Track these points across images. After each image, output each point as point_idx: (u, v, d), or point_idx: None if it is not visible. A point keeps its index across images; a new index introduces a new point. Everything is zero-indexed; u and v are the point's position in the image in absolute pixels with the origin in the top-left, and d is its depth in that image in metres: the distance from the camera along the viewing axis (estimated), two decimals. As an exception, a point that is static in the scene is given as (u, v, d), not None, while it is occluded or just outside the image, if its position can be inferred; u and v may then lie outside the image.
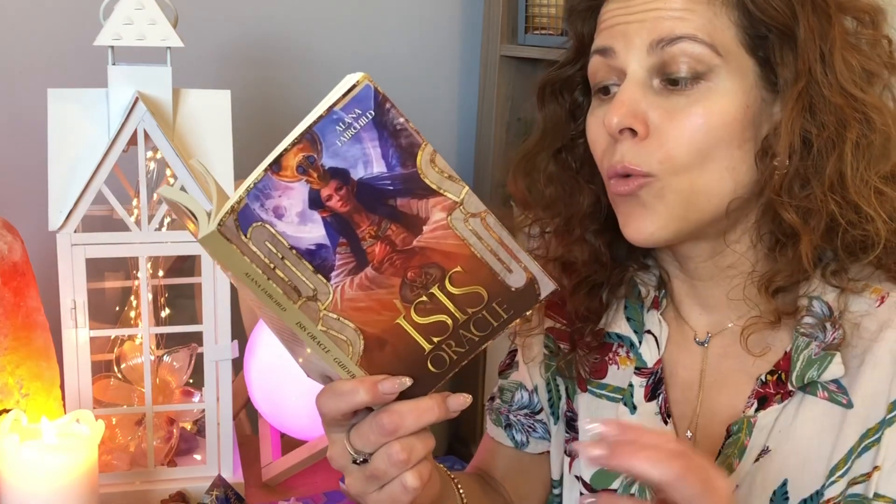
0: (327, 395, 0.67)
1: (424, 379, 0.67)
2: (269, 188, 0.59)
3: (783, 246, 0.78)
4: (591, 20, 0.84)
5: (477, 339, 0.67)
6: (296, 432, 1.27)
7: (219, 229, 0.58)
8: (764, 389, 0.81)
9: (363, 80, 0.59)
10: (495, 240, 0.64)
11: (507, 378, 1.02)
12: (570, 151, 0.90)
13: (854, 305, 0.78)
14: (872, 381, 0.76)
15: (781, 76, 0.77)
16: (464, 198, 0.63)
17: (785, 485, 0.79)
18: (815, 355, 0.78)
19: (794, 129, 0.75)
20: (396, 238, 0.63)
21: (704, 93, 0.76)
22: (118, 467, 1.18)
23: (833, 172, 0.75)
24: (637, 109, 0.77)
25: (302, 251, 0.61)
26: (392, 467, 0.67)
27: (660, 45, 0.76)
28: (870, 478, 0.75)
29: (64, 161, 1.10)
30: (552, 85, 0.90)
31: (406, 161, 0.61)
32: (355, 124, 0.60)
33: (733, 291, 0.83)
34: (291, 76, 1.86)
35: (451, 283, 0.64)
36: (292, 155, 0.59)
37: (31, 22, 1.60)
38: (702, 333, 0.88)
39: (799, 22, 0.75)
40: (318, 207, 0.61)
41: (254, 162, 0.63)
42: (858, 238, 0.76)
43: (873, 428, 0.76)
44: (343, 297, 0.63)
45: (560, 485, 0.98)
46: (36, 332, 1.13)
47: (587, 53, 0.85)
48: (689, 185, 0.77)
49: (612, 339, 0.92)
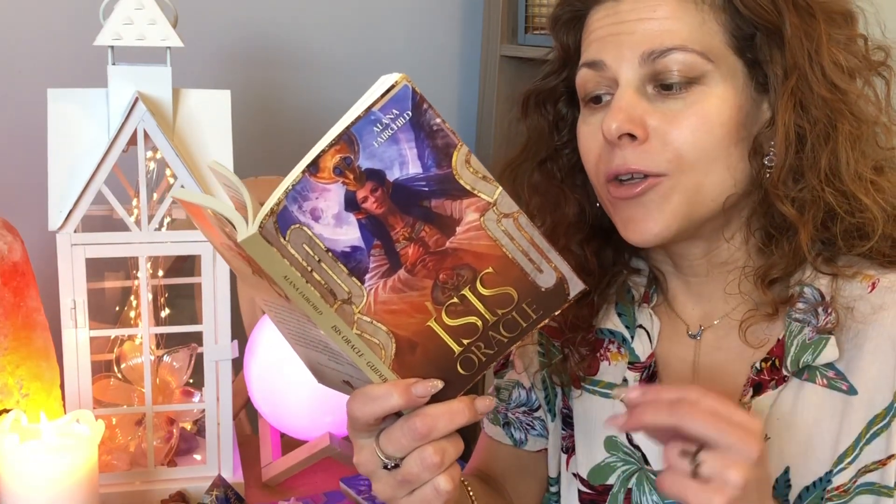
0: (360, 399, 0.67)
1: (454, 381, 0.67)
2: (307, 190, 0.59)
3: (777, 239, 0.80)
4: (575, 30, 0.85)
5: (506, 340, 0.67)
6: (296, 432, 1.27)
7: (259, 231, 0.58)
8: (759, 377, 0.82)
9: (402, 81, 0.59)
10: (527, 240, 0.64)
11: (503, 377, 1.02)
12: (554, 162, 0.91)
13: (846, 290, 0.79)
14: (874, 366, 0.77)
15: (771, 74, 0.78)
16: (497, 198, 0.63)
17: (787, 472, 0.80)
18: (809, 339, 0.79)
19: (787, 124, 0.77)
20: (430, 240, 0.62)
21: (699, 96, 0.77)
22: (118, 467, 1.18)
23: (828, 165, 0.77)
24: (634, 114, 0.77)
25: (338, 253, 0.61)
26: (425, 471, 0.66)
27: (651, 56, 0.77)
28: (884, 465, 0.76)
29: (64, 161, 1.10)
30: (536, 96, 0.91)
31: (441, 162, 0.61)
32: (393, 125, 0.60)
33: (729, 286, 0.84)
34: (291, 76, 1.86)
35: (483, 285, 0.64)
36: (329, 156, 0.59)
37: (31, 22, 1.60)
38: (694, 327, 0.88)
39: (785, 20, 0.77)
40: (354, 209, 0.61)
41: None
42: (855, 226, 0.77)
43: (880, 414, 0.76)
44: (376, 300, 0.63)
45: (557, 482, 0.98)
46: (36, 332, 1.13)
47: (572, 63, 0.86)
48: (696, 184, 0.78)
49: (603, 335, 0.92)
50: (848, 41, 0.80)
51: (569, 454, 0.96)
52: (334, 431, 1.23)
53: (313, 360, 0.71)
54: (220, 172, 0.67)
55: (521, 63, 1.97)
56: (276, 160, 1.65)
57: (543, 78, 0.90)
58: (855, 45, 0.81)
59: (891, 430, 0.76)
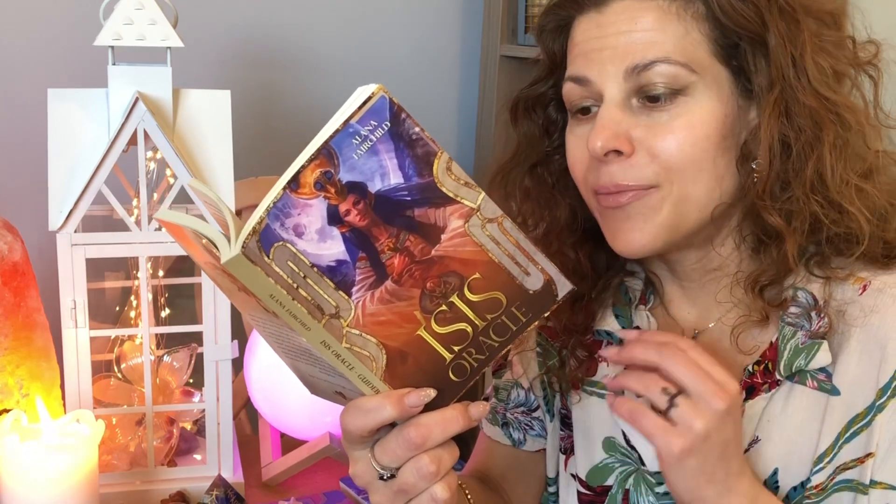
0: (352, 412, 0.67)
1: (446, 389, 0.67)
2: (289, 206, 0.59)
3: (767, 246, 0.80)
4: (561, 38, 0.85)
5: (497, 344, 0.67)
6: (296, 432, 1.27)
7: (243, 252, 0.58)
8: (751, 380, 0.82)
9: (378, 92, 0.59)
10: (512, 243, 0.64)
11: (502, 377, 1.02)
12: (545, 166, 0.91)
13: (838, 294, 0.79)
14: (860, 367, 0.77)
15: (756, 83, 0.78)
16: (480, 203, 0.63)
17: (775, 474, 0.80)
18: (802, 344, 0.79)
19: (772, 133, 0.76)
20: (415, 249, 0.62)
21: (684, 107, 0.77)
22: (118, 467, 1.18)
23: (813, 174, 0.76)
24: (619, 130, 0.77)
25: (323, 268, 0.61)
26: (421, 480, 0.66)
27: (634, 71, 0.77)
28: (862, 463, 0.76)
29: (64, 161, 1.10)
30: (525, 102, 0.91)
31: (423, 170, 0.61)
32: (371, 136, 0.59)
33: (721, 293, 0.84)
34: (292, 76, 1.86)
35: (470, 291, 0.64)
36: (310, 171, 0.59)
37: (31, 22, 1.60)
38: (689, 330, 0.88)
39: (769, 29, 0.76)
40: (337, 223, 0.60)
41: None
42: (843, 235, 0.77)
43: (861, 413, 0.76)
44: (364, 312, 0.62)
45: (555, 482, 0.98)
46: (36, 332, 1.13)
47: (559, 71, 0.86)
48: (683, 195, 0.78)
49: (601, 336, 0.92)
50: (836, 43, 0.79)
51: (567, 455, 0.96)
52: (334, 431, 1.23)
53: (305, 372, 0.71)
54: (200, 190, 0.67)
55: (521, 63, 1.98)
56: (276, 160, 1.65)
57: (531, 85, 0.90)
58: (843, 46, 0.80)
59: (871, 428, 0.76)
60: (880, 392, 0.75)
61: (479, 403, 0.68)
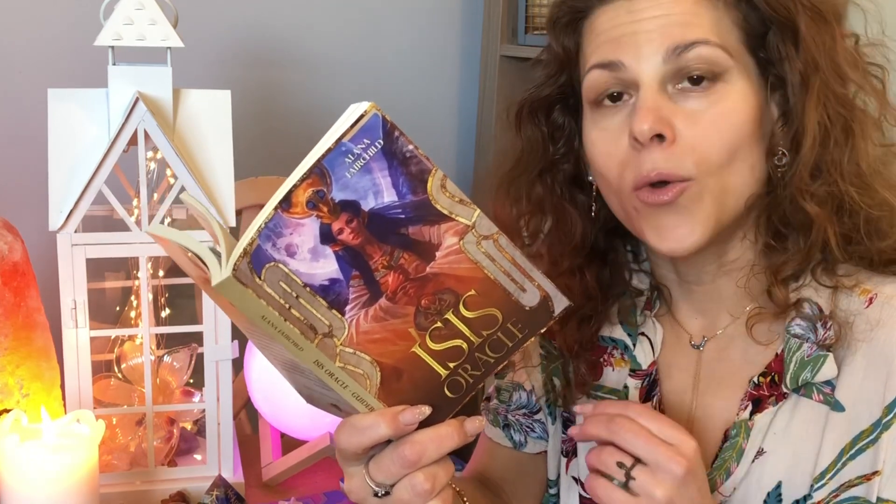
0: (347, 430, 0.66)
1: (441, 405, 0.66)
2: (280, 226, 0.58)
3: (785, 238, 0.79)
4: (575, 33, 0.83)
5: (492, 360, 0.66)
6: (296, 432, 1.27)
7: (234, 274, 0.57)
8: (757, 392, 0.81)
9: (371, 110, 0.58)
10: (508, 260, 0.64)
11: (504, 378, 1.02)
12: (553, 176, 0.89)
13: (844, 304, 0.78)
14: (866, 382, 0.76)
15: (789, 71, 0.77)
16: (475, 221, 0.62)
17: (779, 487, 0.80)
18: (808, 356, 0.79)
19: (815, 121, 0.76)
20: (409, 266, 0.62)
21: (722, 94, 0.76)
22: (118, 467, 1.18)
23: (850, 160, 0.76)
24: (663, 114, 0.76)
25: (316, 288, 0.60)
26: (416, 497, 0.66)
27: (676, 51, 0.75)
28: (869, 480, 0.75)
29: (64, 161, 1.10)
30: (530, 105, 0.88)
31: (417, 188, 0.60)
32: (364, 155, 0.59)
33: (739, 281, 0.83)
34: (292, 76, 1.86)
35: (466, 307, 0.64)
36: (302, 191, 0.58)
37: (31, 22, 1.60)
38: (697, 337, 0.88)
39: (800, 14, 0.76)
40: (330, 242, 0.60)
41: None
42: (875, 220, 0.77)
43: (867, 430, 0.76)
44: (358, 331, 0.62)
45: (556, 485, 0.98)
46: (36, 332, 1.13)
47: (571, 67, 0.84)
48: (722, 186, 0.77)
49: (605, 342, 0.92)
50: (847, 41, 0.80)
51: (569, 457, 0.96)
52: (334, 431, 1.23)
53: (301, 383, 0.71)
54: (193, 205, 0.66)
55: (521, 63, 1.97)
56: (276, 160, 1.65)
57: (539, 86, 0.88)
58: (853, 44, 0.80)
59: (878, 445, 0.75)
60: (886, 410, 0.75)
61: (475, 419, 0.68)
